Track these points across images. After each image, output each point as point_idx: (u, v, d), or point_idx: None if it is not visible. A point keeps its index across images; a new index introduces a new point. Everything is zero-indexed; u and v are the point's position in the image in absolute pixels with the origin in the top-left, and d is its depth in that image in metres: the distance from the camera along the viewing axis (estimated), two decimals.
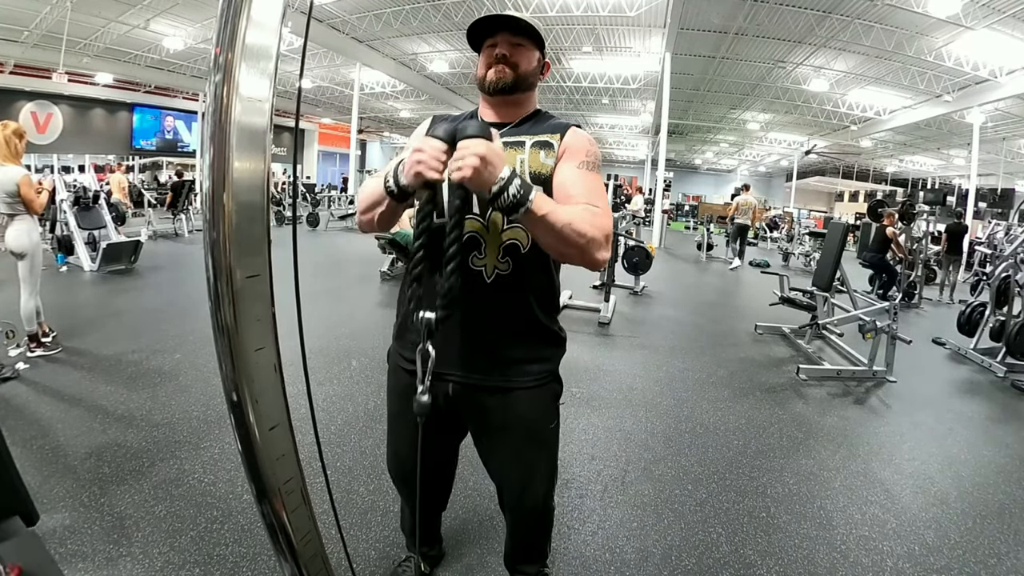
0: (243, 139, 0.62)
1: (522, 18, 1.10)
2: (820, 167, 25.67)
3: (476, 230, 1.08)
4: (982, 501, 2.27)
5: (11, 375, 2.81)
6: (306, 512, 0.79)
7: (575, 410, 2.87)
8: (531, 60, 1.14)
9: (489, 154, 0.88)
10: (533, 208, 0.91)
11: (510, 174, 0.90)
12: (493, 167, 0.88)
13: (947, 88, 10.93)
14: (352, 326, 4.19)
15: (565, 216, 0.95)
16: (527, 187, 0.92)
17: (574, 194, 1.04)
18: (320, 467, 0.91)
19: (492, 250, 1.08)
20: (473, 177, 0.87)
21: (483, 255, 1.08)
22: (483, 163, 0.87)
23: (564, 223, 0.94)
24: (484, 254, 1.08)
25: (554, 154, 1.10)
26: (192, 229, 9.28)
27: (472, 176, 0.87)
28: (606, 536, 1.86)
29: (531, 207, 0.91)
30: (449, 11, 10.58)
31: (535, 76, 1.16)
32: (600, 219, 1.00)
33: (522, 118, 1.17)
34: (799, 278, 6.49)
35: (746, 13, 9.18)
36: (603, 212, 1.03)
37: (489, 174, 0.88)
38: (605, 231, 1.00)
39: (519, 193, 0.90)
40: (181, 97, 16.86)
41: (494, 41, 1.12)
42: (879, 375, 3.78)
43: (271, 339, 0.69)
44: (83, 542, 1.64)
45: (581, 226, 0.96)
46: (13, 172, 3.05)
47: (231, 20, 0.60)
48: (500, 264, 1.09)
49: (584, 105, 18.16)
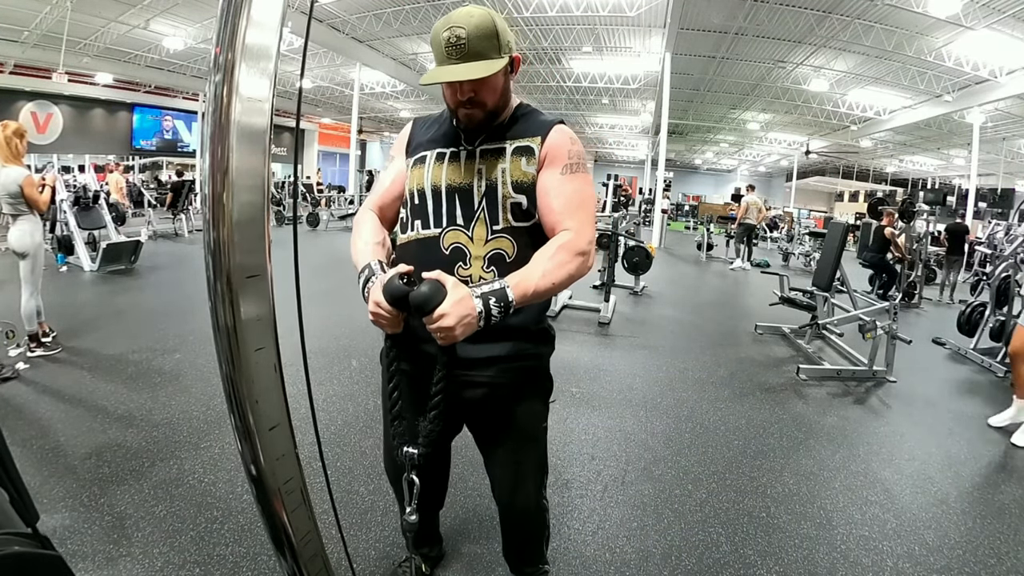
0: (243, 139, 0.62)
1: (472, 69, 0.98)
2: (820, 167, 25.67)
3: (461, 242, 1.08)
4: (982, 501, 2.27)
5: (11, 375, 2.81)
6: (306, 512, 0.79)
7: (575, 410, 2.87)
8: (496, 85, 1.05)
9: (456, 318, 0.91)
10: (517, 303, 0.96)
11: (482, 304, 0.93)
12: (467, 318, 0.92)
13: (947, 88, 10.93)
14: (352, 326, 4.19)
15: (546, 279, 0.99)
16: (501, 294, 0.95)
17: (555, 207, 1.06)
18: (320, 467, 0.91)
19: (477, 260, 1.09)
20: (458, 339, 0.93)
21: (468, 266, 1.09)
22: (457, 327, 0.91)
23: (549, 285, 0.99)
24: (469, 265, 1.09)
25: (535, 161, 1.08)
26: (192, 229, 9.28)
27: (456, 340, 0.93)
28: (606, 536, 1.86)
29: (515, 304, 0.96)
30: (449, 11, 10.53)
31: (507, 90, 1.09)
32: (575, 242, 1.03)
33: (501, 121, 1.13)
34: (799, 278, 6.49)
35: (746, 13, 9.18)
36: (579, 228, 1.05)
37: (467, 327, 0.93)
38: (583, 249, 1.04)
39: (500, 306, 0.95)
40: (181, 97, 16.85)
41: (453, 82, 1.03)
42: (879, 375, 3.78)
43: (271, 339, 0.69)
44: (83, 542, 1.64)
45: (562, 272, 1.01)
46: (15, 173, 3.05)
47: (231, 20, 0.60)
48: (486, 274, 1.08)
49: (584, 105, 18.16)
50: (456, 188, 1.09)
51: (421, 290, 0.91)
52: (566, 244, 1.02)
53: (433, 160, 1.12)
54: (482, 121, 1.08)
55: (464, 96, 1.03)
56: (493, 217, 1.08)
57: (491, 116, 1.08)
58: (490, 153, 1.09)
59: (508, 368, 1.16)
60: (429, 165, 1.12)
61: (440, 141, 1.14)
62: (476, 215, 1.08)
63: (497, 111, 1.09)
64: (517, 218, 1.09)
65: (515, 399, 1.19)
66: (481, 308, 0.92)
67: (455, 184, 1.09)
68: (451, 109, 1.09)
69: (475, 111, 1.05)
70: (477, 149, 1.10)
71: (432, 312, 0.90)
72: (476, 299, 0.93)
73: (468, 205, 1.08)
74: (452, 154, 1.11)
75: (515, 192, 1.07)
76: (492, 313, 0.93)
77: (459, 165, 1.10)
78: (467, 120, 1.07)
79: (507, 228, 1.09)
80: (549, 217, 1.07)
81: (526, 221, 1.10)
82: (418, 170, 1.13)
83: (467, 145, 1.11)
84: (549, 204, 1.06)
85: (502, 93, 1.08)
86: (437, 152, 1.13)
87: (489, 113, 1.07)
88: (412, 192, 1.14)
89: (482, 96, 1.04)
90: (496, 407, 1.19)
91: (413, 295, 0.92)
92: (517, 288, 0.96)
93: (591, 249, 1.05)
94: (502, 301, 0.94)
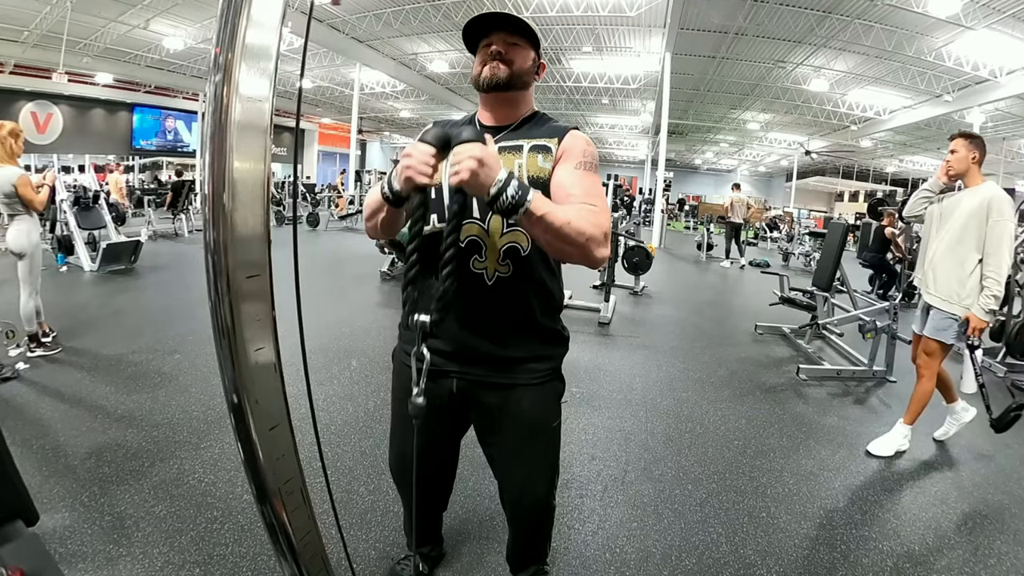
0: (243, 139, 0.62)
1: (518, 16, 1.11)
2: (820, 167, 25.67)
3: (476, 234, 1.09)
4: (982, 501, 2.27)
5: (11, 375, 2.81)
6: (306, 512, 0.78)
7: (575, 410, 2.87)
8: (526, 59, 1.14)
9: (485, 156, 0.88)
10: (532, 208, 0.92)
11: (507, 176, 0.90)
12: (490, 169, 0.89)
13: (947, 88, 10.93)
14: (352, 326, 4.19)
15: (564, 215, 0.95)
16: (525, 188, 0.92)
17: (572, 194, 1.04)
18: (320, 467, 0.91)
19: (492, 253, 1.09)
20: (471, 180, 0.88)
21: (483, 258, 1.09)
22: (480, 165, 0.87)
23: (563, 222, 0.95)
24: (484, 257, 1.09)
25: (552, 158, 1.11)
26: (192, 229, 9.28)
27: (469, 179, 0.87)
28: (606, 536, 1.86)
29: (530, 207, 0.91)
30: (449, 11, 10.57)
31: (530, 75, 1.17)
32: (599, 217, 1.01)
33: (520, 120, 1.17)
34: (799, 278, 6.48)
35: (746, 13, 9.18)
36: (601, 210, 1.04)
37: (486, 176, 0.88)
38: (604, 229, 1.01)
39: (517, 194, 0.90)
40: (181, 97, 16.85)
41: (489, 40, 1.13)
42: (879, 375, 3.78)
43: (271, 339, 0.69)
44: (83, 542, 1.64)
45: (580, 224, 0.96)
46: (9, 173, 3.05)
47: (231, 20, 0.60)
48: (500, 267, 1.10)
49: (584, 105, 18.16)
50: None
51: (467, 130, 0.92)
52: (592, 211, 1.01)
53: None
54: (503, 81, 1.11)
55: (497, 48, 1.11)
56: None
57: (511, 81, 1.12)
58: (508, 149, 1.12)
59: (523, 369, 1.17)
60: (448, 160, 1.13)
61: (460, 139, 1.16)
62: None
63: (517, 81, 1.13)
64: None
65: (529, 400, 1.19)
66: (504, 176, 0.90)
67: None
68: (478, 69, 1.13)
69: (500, 69, 1.11)
70: (496, 146, 1.11)
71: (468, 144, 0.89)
72: (505, 170, 0.91)
73: None
74: None
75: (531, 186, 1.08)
76: (507, 191, 0.89)
77: None
78: (491, 75, 1.11)
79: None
80: (565, 201, 1.06)
81: None
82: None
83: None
84: (566, 192, 1.06)
85: (526, 72, 1.14)
86: None
87: (511, 75, 1.11)
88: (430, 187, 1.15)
89: (511, 55, 1.12)
90: (510, 408, 1.19)
91: (456, 131, 0.92)
92: (538, 199, 0.93)
93: (608, 237, 1.03)
94: (521, 192, 0.91)
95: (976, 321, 2.43)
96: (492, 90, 1.13)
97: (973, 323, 2.43)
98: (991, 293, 2.40)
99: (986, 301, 2.41)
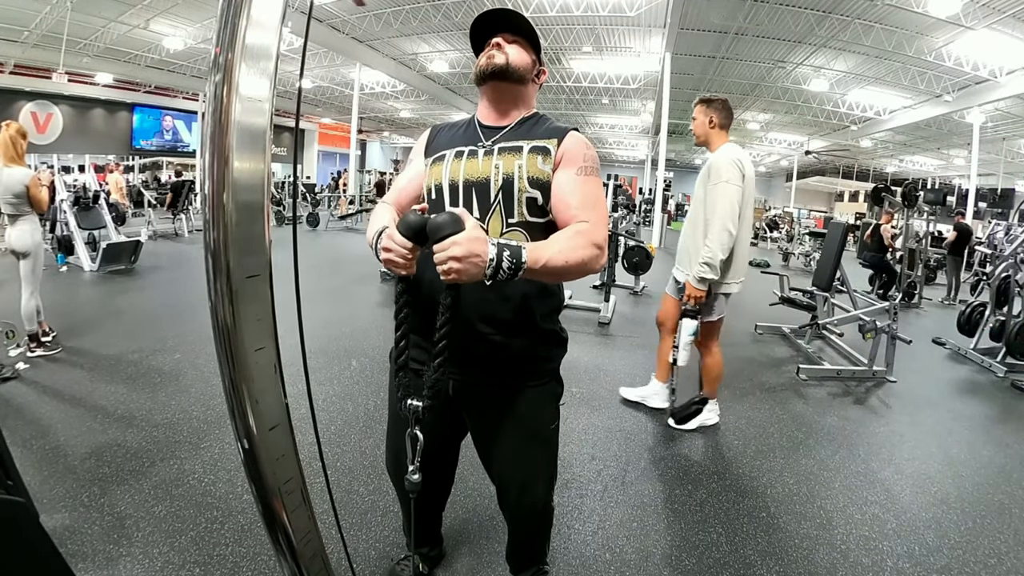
0: (243, 139, 0.62)
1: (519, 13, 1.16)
2: (820, 167, 25.65)
3: None
4: (982, 501, 2.27)
5: (11, 375, 2.81)
6: (306, 512, 0.78)
7: (575, 410, 2.87)
8: (524, 55, 1.16)
9: (466, 251, 0.87)
10: (529, 266, 0.93)
11: (496, 252, 0.89)
12: (476, 257, 0.87)
13: (947, 88, 10.93)
14: (352, 326, 4.19)
15: (560, 257, 0.97)
16: (515, 251, 0.91)
17: (571, 203, 1.07)
18: (320, 467, 0.91)
19: None
20: (461, 278, 0.89)
21: None
22: (464, 263, 0.87)
23: (561, 263, 0.97)
24: None
25: (551, 159, 1.11)
26: (192, 229, 9.28)
27: (459, 278, 0.89)
28: (606, 536, 1.86)
29: (527, 267, 0.92)
30: (449, 11, 10.57)
31: (528, 72, 1.18)
32: (593, 234, 1.03)
33: (519, 120, 1.18)
34: (799, 278, 6.49)
35: (746, 13, 9.18)
36: (596, 223, 1.06)
37: (475, 267, 0.88)
38: (599, 242, 1.04)
39: (512, 262, 0.91)
40: (181, 97, 16.85)
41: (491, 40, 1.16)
42: (879, 375, 3.78)
43: (271, 339, 0.69)
44: (83, 542, 1.64)
45: (577, 256, 0.99)
46: (20, 174, 3.07)
47: (231, 20, 0.60)
48: None
49: (584, 105, 18.16)
50: (473, 182, 1.11)
51: (440, 217, 0.90)
52: (584, 231, 1.03)
53: (452, 157, 1.15)
54: (499, 69, 1.13)
55: (497, 42, 1.14)
56: (508, 210, 1.10)
57: (507, 70, 1.14)
58: (507, 150, 1.12)
59: (521, 371, 1.17)
60: (448, 162, 1.15)
61: (459, 141, 1.18)
62: (492, 208, 1.10)
63: (514, 73, 1.15)
64: (532, 213, 1.11)
65: (527, 402, 1.19)
66: (494, 255, 0.89)
67: (472, 178, 1.11)
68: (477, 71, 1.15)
69: (498, 59, 1.13)
70: (495, 147, 1.13)
71: (445, 240, 0.88)
72: (492, 245, 0.90)
73: (484, 198, 1.11)
74: (470, 151, 1.15)
75: (531, 187, 1.09)
76: (503, 266, 0.89)
77: (477, 161, 1.13)
78: (487, 63, 1.13)
79: (522, 222, 1.11)
80: (565, 212, 1.08)
81: (540, 217, 1.12)
82: (437, 167, 1.16)
83: (485, 143, 1.15)
84: (565, 200, 1.08)
85: (524, 67, 1.16)
86: (456, 151, 1.16)
87: (508, 64, 1.13)
88: (430, 188, 1.16)
89: (510, 47, 1.14)
90: (508, 410, 1.19)
91: (431, 221, 0.90)
92: (532, 253, 0.93)
93: (605, 247, 1.05)
94: (515, 258, 0.90)
95: (690, 288, 2.42)
96: (490, 78, 1.14)
97: (687, 290, 2.43)
98: (703, 260, 2.35)
99: (697, 269, 2.38)
